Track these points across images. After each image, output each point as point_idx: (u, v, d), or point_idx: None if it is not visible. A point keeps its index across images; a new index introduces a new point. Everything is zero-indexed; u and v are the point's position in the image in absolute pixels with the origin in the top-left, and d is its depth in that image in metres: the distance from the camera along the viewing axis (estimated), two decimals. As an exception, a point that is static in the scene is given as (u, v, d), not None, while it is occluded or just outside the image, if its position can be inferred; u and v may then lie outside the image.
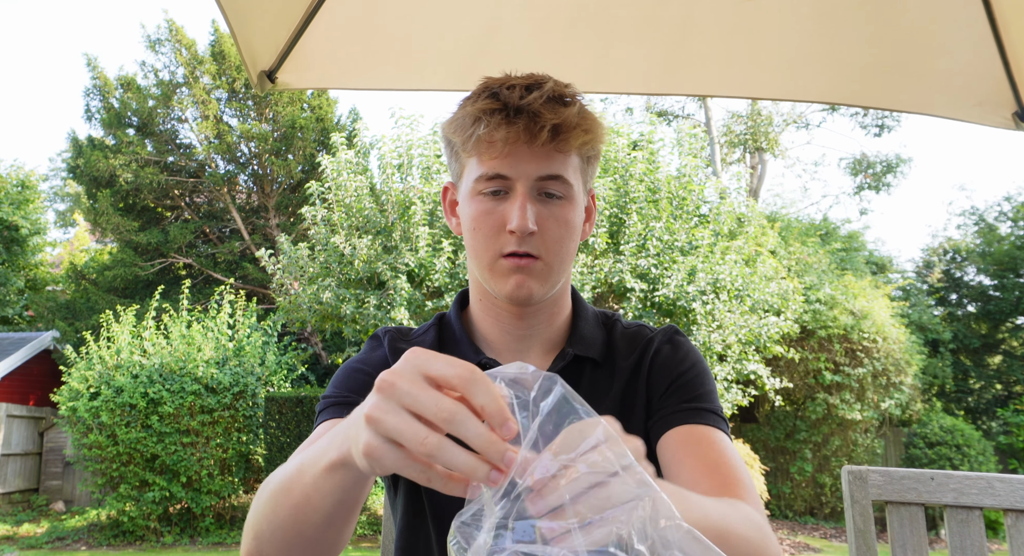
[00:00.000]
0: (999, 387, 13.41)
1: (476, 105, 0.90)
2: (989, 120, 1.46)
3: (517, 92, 0.89)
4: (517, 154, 0.89)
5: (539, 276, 0.93)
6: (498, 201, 0.92)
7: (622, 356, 1.03)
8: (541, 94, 0.88)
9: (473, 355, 0.99)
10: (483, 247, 0.93)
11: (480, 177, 0.92)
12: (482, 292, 1.00)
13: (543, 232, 0.91)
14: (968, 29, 1.38)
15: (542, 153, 0.90)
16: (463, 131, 0.91)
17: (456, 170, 0.99)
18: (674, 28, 1.52)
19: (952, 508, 1.38)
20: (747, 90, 1.72)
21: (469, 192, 0.94)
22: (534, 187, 0.91)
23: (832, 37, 1.48)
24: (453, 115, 0.95)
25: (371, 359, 1.02)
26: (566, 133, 0.88)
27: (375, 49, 1.58)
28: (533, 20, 1.55)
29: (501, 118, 0.88)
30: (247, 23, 1.37)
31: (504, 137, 0.87)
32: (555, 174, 0.91)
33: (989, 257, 14.24)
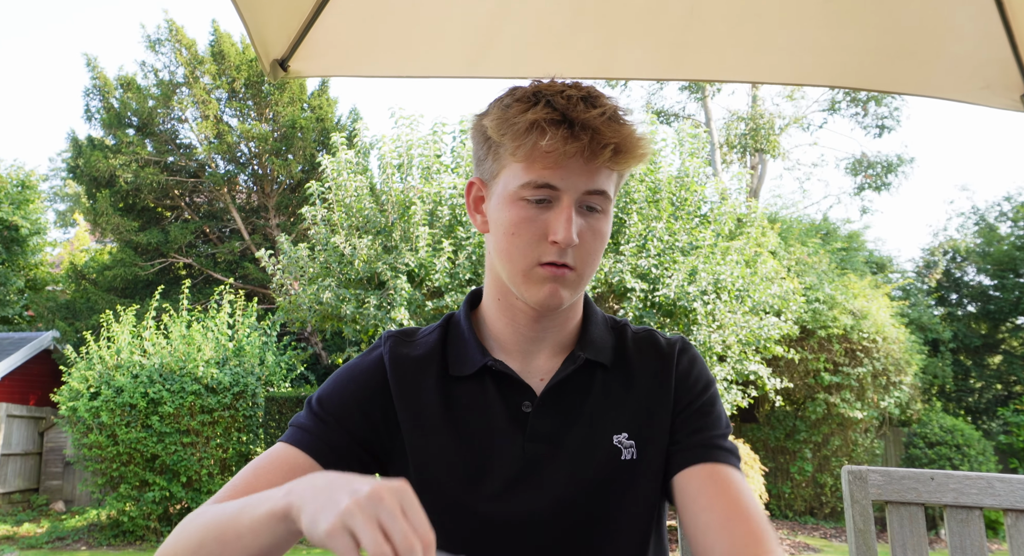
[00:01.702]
0: (999, 387, 13.40)
1: (534, 113, 0.89)
2: (997, 103, 1.46)
3: (577, 105, 0.89)
4: (570, 167, 0.89)
5: (571, 285, 0.94)
6: (541, 209, 0.91)
7: (636, 363, 1.04)
8: (603, 112, 0.89)
9: (480, 356, 0.99)
10: (520, 253, 0.93)
11: (527, 184, 0.91)
12: (502, 292, 0.99)
13: (581, 244, 0.92)
14: (975, 11, 1.38)
15: (594, 169, 0.90)
16: (517, 136, 0.90)
17: (491, 169, 0.97)
18: (680, 13, 1.52)
19: (952, 508, 1.38)
20: (754, 75, 1.72)
21: (510, 196, 0.93)
22: (580, 201, 0.92)
23: (839, 20, 1.48)
24: (502, 115, 0.93)
25: (365, 365, 1.02)
26: (625, 154, 0.90)
27: (385, 36, 1.59)
28: (540, 6, 1.56)
29: (566, 132, 0.87)
30: (259, 12, 1.38)
31: (564, 151, 0.88)
32: (601, 189, 0.92)
33: (989, 257, 14.23)
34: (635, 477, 0.99)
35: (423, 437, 0.97)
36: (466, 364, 1.00)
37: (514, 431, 0.97)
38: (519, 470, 0.96)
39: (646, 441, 0.99)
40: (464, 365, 1.00)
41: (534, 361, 1.01)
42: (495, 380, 0.99)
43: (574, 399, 1.00)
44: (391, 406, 0.98)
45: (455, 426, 0.97)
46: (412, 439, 0.97)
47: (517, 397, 0.98)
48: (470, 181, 1.03)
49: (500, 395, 0.98)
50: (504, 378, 0.99)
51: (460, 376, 1.00)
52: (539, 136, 0.88)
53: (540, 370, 1.01)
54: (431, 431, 0.97)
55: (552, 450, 0.97)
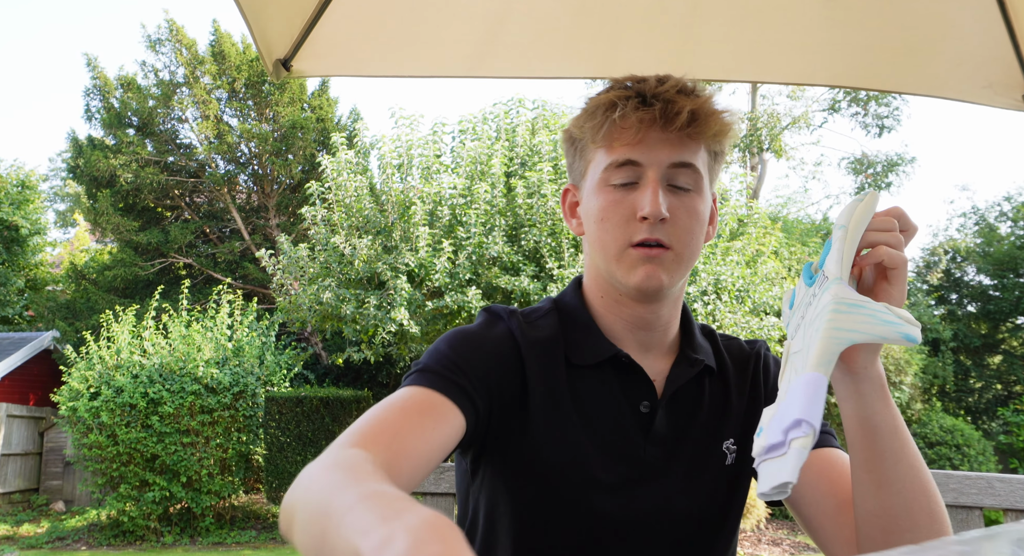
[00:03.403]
0: (999, 387, 13.41)
1: (608, 94, 0.90)
2: (998, 102, 1.46)
3: (651, 83, 0.90)
4: (649, 140, 0.89)
5: (668, 266, 0.90)
6: (627, 191, 0.90)
7: (731, 368, 1.02)
8: (675, 85, 0.89)
9: (606, 345, 0.96)
10: (611, 237, 0.91)
11: (610, 165, 0.91)
12: (605, 288, 0.97)
13: (674, 221, 0.89)
14: (977, 10, 1.38)
15: (675, 139, 0.89)
16: (593, 120, 0.91)
17: (580, 168, 0.97)
18: (682, 12, 1.52)
19: (952, 508, 1.38)
20: (755, 74, 1.73)
21: (597, 184, 0.93)
22: (665, 175, 0.90)
23: (841, 20, 1.48)
24: (581, 111, 0.94)
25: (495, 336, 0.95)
26: (703, 119, 0.88)
27: (388, 36, 1.59)
28: (542, 6, 1.56)
29: (637, 103, 0.88)
30: (262, 12, 1.38)
31: (638, 120, 0.87)
32: (687, 162, 0.90)
33: (989, 257, 14.24)
34: (736, 483, 0.99)
35: (551, 421, 0.92)
36: (591, 352, 0.95)
37: (635, 430, 0.94)
38: (637, 470, 0.93)
39: (745, 446, 0.99)
40: (589, 353, 0.95)
41: (647, 359, 0.98)
42: (618, 373, 0.95)
43: (689, 402, 0.98)
44: (525, 384, 0.93)
45: (582, 415, 0.93)
46: (541, 421, 0.92)
47: (638, 394, 0.95)
48: (564, 188, 1.03)
49: (622, 390, 0.95)
50: (630, 372, 0.95)
51: (583, 365, 0.95)
52: (613, 111, 0.88)
53: (653, 370, 0.97)
54: (560, 416, 0.92)
55: (669, 454, 0.95)
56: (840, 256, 0.73)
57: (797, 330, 0.77)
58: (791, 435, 0.67)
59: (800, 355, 0.74)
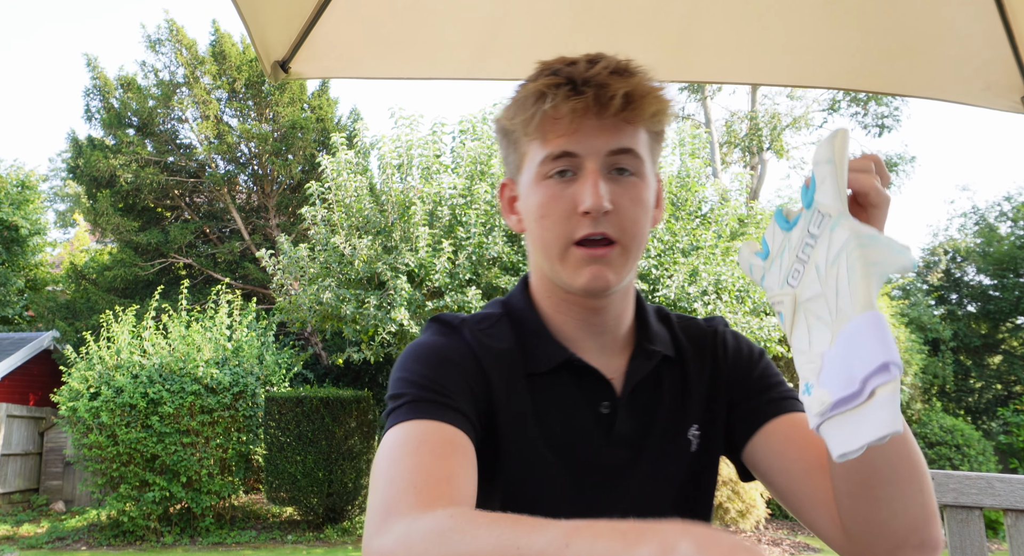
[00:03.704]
0: (999, 387, 13.41)
1: (537, 83, 0.85)
2: (997, 104, 1.46)
3: (579, 65, 0.85)
4: (585, 129, 0.84)
5: (615, 264, 0.86)
6: (567, 183, 0.85)
7: (689, 352, 0.99)
8: (606, 66, 0.84)
9: (558, 350, 0.92)
10: (552, 235, 0.86)
11: (545, 158, 0.85)
12: (551, 288, 0.92)
13: (618, 211, 0.84)
14: (976, 12, 1.38)
15: (611, 125, 0.84)
16: (524, 111, 0.86)
17: (515, 162, 0.92)
18: (681, 14, 1.52)
19: (952, 508, 1.38)
20: (755, 76, 1.73)
21: (533, 178, 0.88)
22: (605, 163, 0.85)
23: (840, 22, 1.48)
24: (510, 101, 0.90)
25: (455, 348, 0.90)
26: (639, 101, 0.83)
27: (386, 38, 1.59)
28: (541, 7, 1.56)
29: (568, 91, 0.82)
30: (260, 13, 1.38)
31: (571, 109, 0.82)
32: (626, 147, 0.85)
33: (989, 257, 14.24)
34: (703, 469, 0.95)
35: (515, 432, 0.88)
36: (545, 359, 0.91)
37: (598, 433, 0.90)
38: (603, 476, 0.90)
39: (708, 429, 0.95)
40: (543, 360, 0.91)
41: (603, 357, 0.93)
42: (574, 378, 0.91)
43: (650, 396, 0.94)
44: (491, 396, 0.88)
45: (544, 428, 0.89)
46: (508, 438, 0.88)
47: (597, 396, 0.91)
48: (501, 183, 0.98)
49: (581, 393, 0.91)
50: (586, 375, 0.91)
51: (540, 373, 0.91)
52: (544, 102, 0.83)
53: (609, 368, 0.93)
54: (523, 429, 0.89)
55: (635, 453, 0.91)
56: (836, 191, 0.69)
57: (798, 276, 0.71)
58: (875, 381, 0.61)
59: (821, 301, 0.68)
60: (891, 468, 0.76)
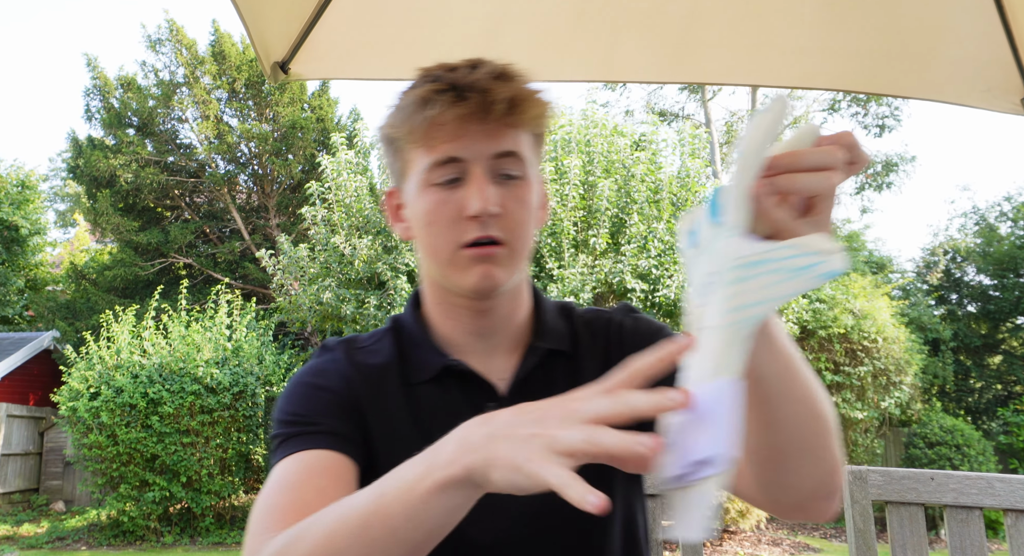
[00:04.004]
0: (999, 387, 13.41)
1: (419, 90, 0.85)
2: (997, 106, 1.46)
3: (462, 72, 0.85)
4: (469, 134, 0.84)
5: (504, 263, 0.86)
6: (453, 189, 0.85)
7: (588, 344, 0.98)
8: (489, 71, 0.85)
9: (437, 357, 0.93)
10: (442, 240, 0.86)
11: (431, 165, 0.85)
12: (442, 293, 0.93)
13: (505, 214, 0.85)
14: (976, 14, 1.38)
15: (495, 130, 0.85)
16: (408, 119, 0.85)
17: (400, 169, 0.92)
18: (681, 16, 1.52)
19: (952, 508, 1.38)
20: (754, 77, 1.72)
21: (419, 186, 0.87)
22: (490, 167, 0.85)
23: (840, 24, 1.48)
24: (392, 109, 0.90)
25: (328, 374, 0.92)
26: (520, 105, 0.84)
27: (385, 39, 1.59)
28: (541, 8, 1.56)
29: (451, 97, 0.83)
30: (260, 14, 1.38)
31: (456, 116, 0.83)
32: (510, 150, 0.86)
33: (989, 257, 14.24)
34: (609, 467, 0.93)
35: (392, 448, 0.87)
36: (425, 368, 0.93)
37: None
38: None
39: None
40: (423, 369, 0.93)
41: (492, 360, 0.93)
42: (457, 382, 0.92)
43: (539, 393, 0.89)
44: (364, 416, 0.89)
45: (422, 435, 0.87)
46: (383, 450, 0.88)
47: (480, 398, 0.91)
48: (388, 192, 0.97)
49: (464, 398, 0.91)
50: (466, 378, 0.92)
51: (421, 381, 0.92)
52: (428, 109, 0.83)
53: (500, 369, 0.93)
54: (400, 442, 0.88)
55: None
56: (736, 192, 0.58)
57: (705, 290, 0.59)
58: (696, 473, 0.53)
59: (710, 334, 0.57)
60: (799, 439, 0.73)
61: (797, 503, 0.78)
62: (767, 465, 0.76)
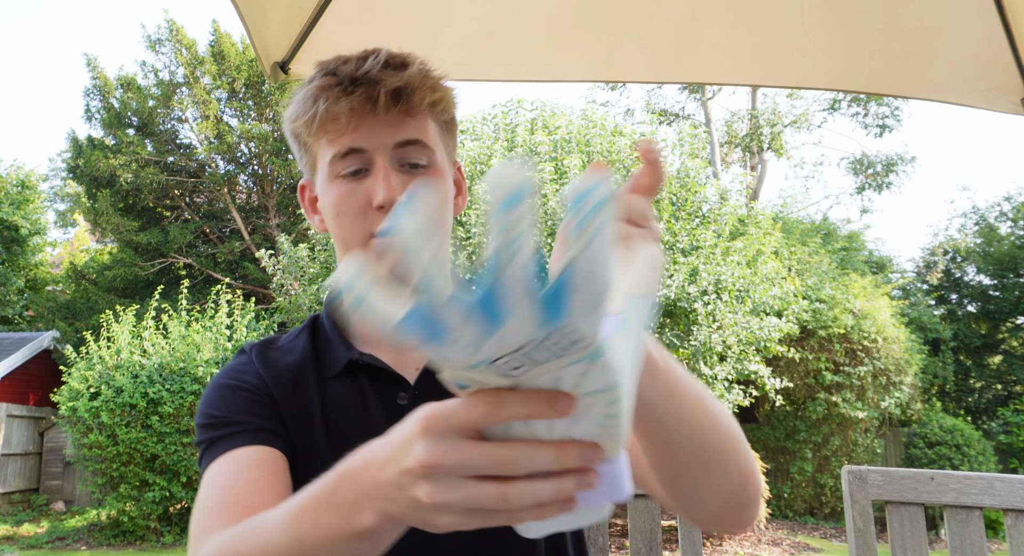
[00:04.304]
0: (999, 387, 13.41)
1: (311, 86, 0.86)
2: (998, 106, 1.46)
3: (352, 64, 0.85)
4: (366, 125, 0.84)
5: None
6: (359, 180, 0.86)
7: None
8: (377, 61, 0.84)
9: (345, 352, 0.92)
10: (350, 231, 0.86)
11: (334, 157, 0.86)
12: None
13: None
14: (976, 15, 1.38)
15: (393, 120, 0.85)
16: (304, 113, 0.86)
17: (308, 163, 0.93)
18: (681, 16, 1.52)
19: (952, 508, 1.38)
20: (754, 78, 1.73)
21: (326, 178, 0.87)
22: (394, 157, 0.85)
23: (840, 24, 1.48)
24: (291, 105, 0.90)
25: (243, 373, 0.92)
26: (410, 94, 0.84)
27: (386, 38, 1.58)
28: (540, 8, 1.56)
29: (339, 91, 0.83)
30: (260, 14, 1.38)
31: (346, 109, 0.83)
32: (412, 139, 0.86)
33: (989, 257, 14.24)
34: None
35: (306, 443, 0.87)
36: (335, 363, 0.92)
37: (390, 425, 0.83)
38: None
39: None
40: (334, 364, 0.92)
41: (406, 352, 0.92)
42: (367, 375, 0.91)
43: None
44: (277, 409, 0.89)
45: (334, 429, 0.88)
46: (299, 446, 0.87)
47: (390, 390, 0.90)
48: (300, 185, 0.98)
49: (374, 390, 0.90)
50: (374, 371, 0.91)
51: (332, 376, 0.92)
52: (320, 102, 0.84)
53: (415, 360, 0.93)
54: (312, 436, 0.88)
55: None
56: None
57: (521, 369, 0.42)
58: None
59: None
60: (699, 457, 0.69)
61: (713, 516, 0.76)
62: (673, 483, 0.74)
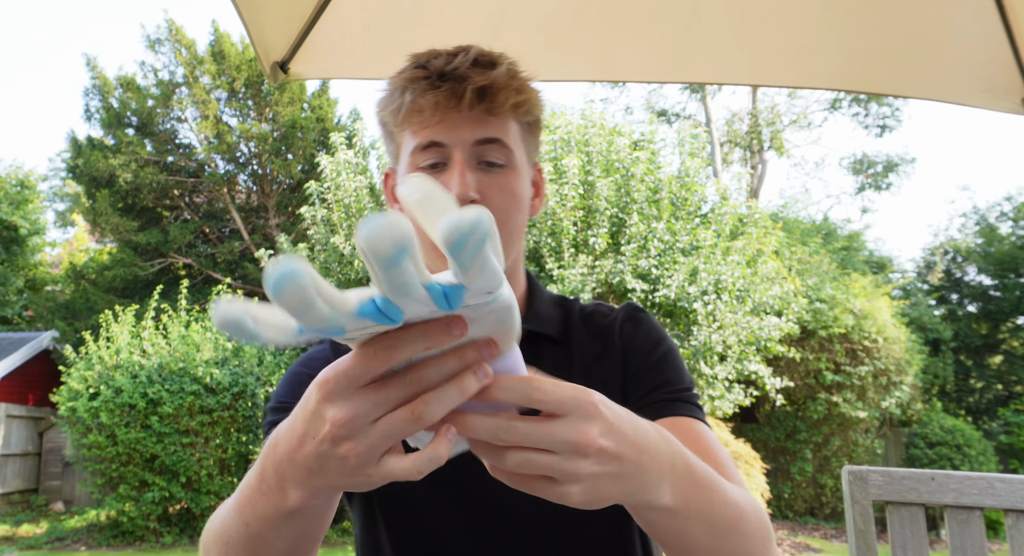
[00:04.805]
0: (1000, 387, 13.41)
1: (402, 76, 0.87)
2: (998, 106, 1.46)
3: (443, 59, 0.86)
4: (449, 120, 0.85)
5: None
6: (436, 174, 0.87)
7: (582, 336, 0.97)
8: (467, 58, 0.85)
9: None
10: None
11: (415, 149, 0.87)
12: None
13: (486, 201, 0.85)
14: (977, 14, 1.38)
15: (475, 117, 0.86)
16: (392, 103, 0.88)
17: (393, 152, 0.95)
18: (681, 16, 1.52)
19: (952, 508, 1.38)
20: (755, 77, 1.72)
21: (406, 168, 0.89)
22: (472, 154, 0.86)
23: (840, 23, 1.48)
24: (382, 94, 0.91)
25: (314, 361, 0.96)
26: (495, 94, 0.85)
27: (385, 38, 1.59)
28: (540, 7, 1.56)
29: (426, 84, 0.84)
30: (259, 14, 1.38)
31: (432, 103, 0.84)
32: (492, 137, 0.86)
33: (990, 257, 14.24)
34: None
35: None
36: None
37: None
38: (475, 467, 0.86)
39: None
40: None
41: None
42: None
43: None
44: None
45: None
46: None
47: None
48: (384, 173, 1.00)
49: None
50: None
51: None
52: (407, 94, 0.85)
53: None
54: None
55: None
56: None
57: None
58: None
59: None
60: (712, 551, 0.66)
61: None
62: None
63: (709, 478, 0.63)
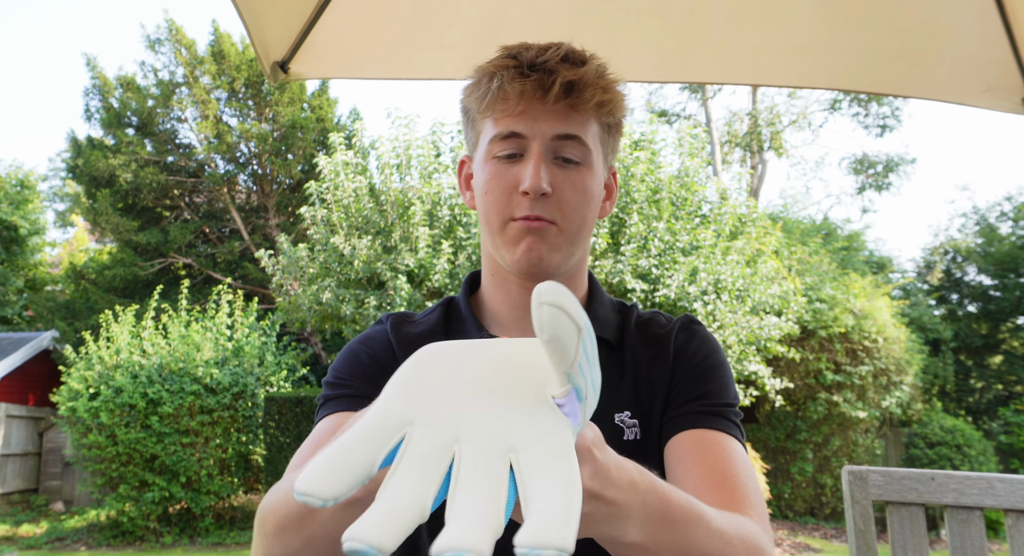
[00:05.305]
0: (1000, 387, 13.40)
1: (491, 64, 0.89)
2: (998, 105, 1.46)
3: (534, 52, 0.88)
4: (532, 112, 0.87)
5: (552, 242, 0.87)
6: (512, 163, 0.88)
7: (637, 344, 0.97)
8: (557, 53, 0.87)
9: (476, 332, 0.95)
10: (494, 211, 0.89)
11: (495, 137, 0.89)
12: (494, 266, 0.95)
13: (558, 196, 0.87)
14: (977, 14, 1.38)
15: (558, 112, 0.87)
16: (478, 90, 0.89)
17: (472, 139, 0.96)
18: (681, 15, 1.52)
19: (953, 508, 1.38)
20: (755, 77, 1.72)
21: (484, 156, 0.91)
22: (550, 148, 0.87)
23: (840, 23, 1.48)
24: (469, 81, 0.93)
25: (374, 340, 0.97)
26: (581, 90, 0.86)
27: (385, 38, 1.59)
28: (541, 7, 1.56)
29: (515, 73, 0.86)
30: (260, 14, 1.38)
31: (518, 92, 0.85)
32: (572, 134, 0.87)
33: (990, 257, 14.24)
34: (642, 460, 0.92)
35: None
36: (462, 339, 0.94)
37: None
38: None
39: (649, 421, 0.93)
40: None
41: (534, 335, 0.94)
42: None
43: None
44: None
45: None
46: None
47: None
48: (460, 160, 1.01)
49: None
50: None
51: None
52: (494, 81, 0.87)
53: None
54: None
55: None
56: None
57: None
58: None
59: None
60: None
61: None
62: None
63: (689, 512, 0.64)
